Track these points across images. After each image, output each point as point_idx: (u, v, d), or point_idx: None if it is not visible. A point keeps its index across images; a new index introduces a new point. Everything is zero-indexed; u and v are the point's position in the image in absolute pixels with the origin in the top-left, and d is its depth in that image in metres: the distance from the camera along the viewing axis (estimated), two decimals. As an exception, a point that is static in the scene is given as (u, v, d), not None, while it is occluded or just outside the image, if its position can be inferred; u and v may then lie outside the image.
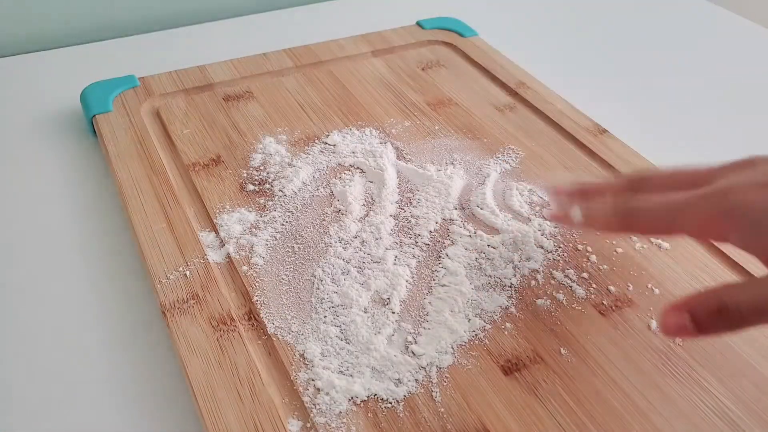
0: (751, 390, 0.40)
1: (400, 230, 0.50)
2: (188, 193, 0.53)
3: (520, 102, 0.64)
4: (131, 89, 0.63)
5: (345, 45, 0.70)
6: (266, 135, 0.58)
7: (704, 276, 0.47)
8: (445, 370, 0.41)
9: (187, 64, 0.67)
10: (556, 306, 0.45)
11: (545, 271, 0.47)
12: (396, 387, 0.40)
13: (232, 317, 0.44)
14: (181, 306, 0.44)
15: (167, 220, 0.50)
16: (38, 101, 0.65)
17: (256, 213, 0.51)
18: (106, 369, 0.43)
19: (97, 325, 0.45)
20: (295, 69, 0.67)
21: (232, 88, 0.64)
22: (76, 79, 0.65)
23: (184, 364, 0.41)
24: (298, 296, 0.45)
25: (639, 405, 0.39)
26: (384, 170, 0.55)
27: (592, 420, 0.39)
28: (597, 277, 0.47)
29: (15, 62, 0.72)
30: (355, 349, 0.42)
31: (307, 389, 0.40)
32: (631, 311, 0.45)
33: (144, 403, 0.41)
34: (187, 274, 0.46)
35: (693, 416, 0.39)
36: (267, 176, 0.54)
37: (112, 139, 0.58)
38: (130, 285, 0.48)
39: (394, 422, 0.38)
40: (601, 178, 0.55)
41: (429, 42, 0.72)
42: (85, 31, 0.76)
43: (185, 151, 0.57)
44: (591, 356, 0.42)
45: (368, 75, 0.67)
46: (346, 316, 0.44)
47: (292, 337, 0.42)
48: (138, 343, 0.44)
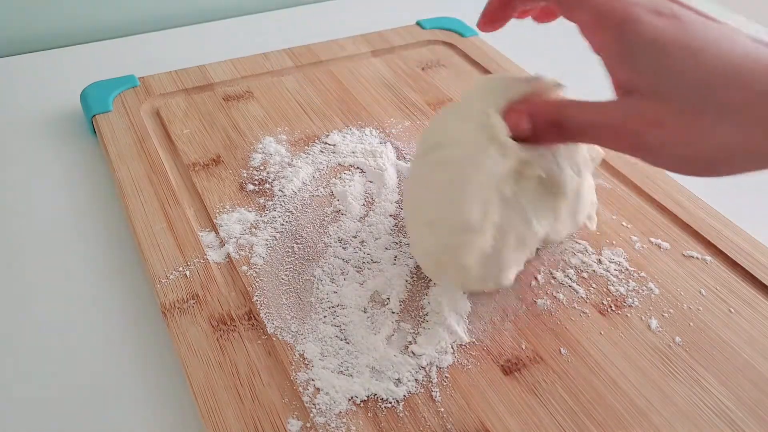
0: (751, 390, 0.40)
1: (399, 230, 0.50)
2: (188, 193, 0.53)
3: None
4: (131, 89, 0.63)
5: (345, 45, 0.70)
6: (266, 135, 0.58)
7: (704, 276, 0.47)
8: (445, 370, 0.41)
9: (187, 64, 0.67)
10: (556, 306, 0.45)
11: (545, 271, 0.47)
12: (396, 387, 0.40)
13: (232, 317, 0.44)
14: (181, 306, 0.44)
15: (167, 220, 0.50)
16: (38, 101, 0.65)
17: (255, 213, 0.51)
18: (106, 369, 0.43)
19: (98, 324, 0.45)
20: (295, 69, 0.67)
21: (232, 88, 0.64)
22: (76, 79, 0.65)
23: (184, 364, 0.41)
24: (297, 296, 0.45)
25: (639, 405, 0.39)
26: (384, 170, 0.55)
27: (592, 420, 0.39)
28: (597, 277, 0.47)
29: (15, 62, 0.72)
30: (354, 348, 0.42)
31: (306, 389, 0.39)
32: (631, 311, 0.45)
33: (144, 403, 0.41)
34: (187, 274, 0.46)
35: (693, 416, 0.39)
36: (267, 176, 0.54)
37: (112, 139, 0.58)
38: (130, 285, 0.48)
39: (394, 422, 0.38)
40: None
41: (429, 42, 0.72)
42: (85, 31, 0.76)
43: (185, 151, 0.57)
44: (591, 356, 0.42)
45: (368, 75, 0.67)
46: (346, 316, 0.43)
47: (292, 337, 0.42)
48: (138, 343, 0.44)
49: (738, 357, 0.42)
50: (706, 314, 0.45)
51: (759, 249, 0.49)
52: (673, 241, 0.50)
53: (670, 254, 0.49)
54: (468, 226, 0.40)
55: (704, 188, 0.54)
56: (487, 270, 0.42)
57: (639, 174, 0.55)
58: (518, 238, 0.42)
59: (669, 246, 0.49)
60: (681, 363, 0.42)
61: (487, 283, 0.43)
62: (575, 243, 0.49)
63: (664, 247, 0.49)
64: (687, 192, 0.54)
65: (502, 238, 0.41)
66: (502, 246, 0.41)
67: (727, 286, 0.46)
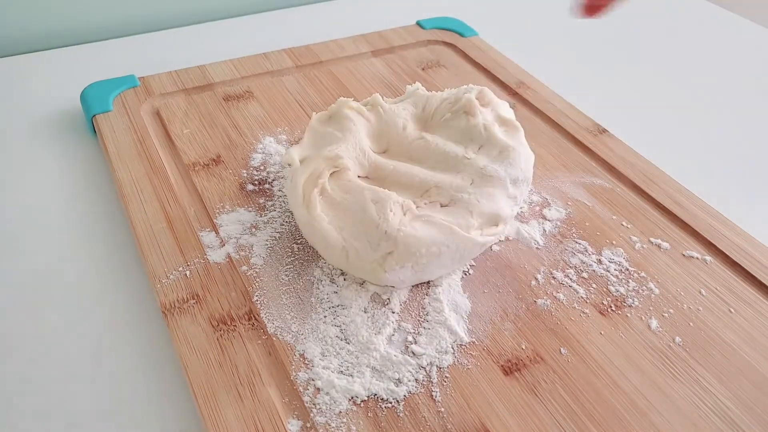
0: (751, 390, 0.40)
1: (400, 230, 0.50)
2: (188, 192, 0.53)
3: (520, 102, 0.64)
4: (131, 89, 0.63)
5: (345, 45, 0.70)
6: (266, 135, 0.58)
7: (704, 276, 0.47)
8: (445, 370, 0.41)
9: (187, 64, 0.67)
10: (556, 306, 0.45)
11: (545, 271, 0.47)
12: (396, 387, 0.40)
13: (232, 317, 0.44)
14: (181, 306, 0.44)
15: (167, 219, 0.50)
16: (38, 101, 0.65)
17: (255, 213, 0.51)
18: (106, 369, 0.43)
19: (97, 324, 0.45)
20: (295, 69, 0.67)
21: (232, 88, 0.64)
22: (76, 79, 0.65)
23: (184, 364, 0.41)
24: (297, 296, 0.45)
25: (639, 405, 0.39)
26: (384, 170, 0.55)
27: (592, 420, 0.39)
28: (597, 277, 0.47)
29: (15, 62, 0.72)
30: (355, 348, 0.42)
31: (307, 389, 0.39)
32: (631, 311, 0.45)
33: (144, 403, 0.41)
34: (187, 274, 0.46)
35: (693, 416, 0.39)
36: (267, 176, 0.54)
37: (112, 139, 0.58)
38: (130, 285, 0.48)
39: (394, 422, 0.38)
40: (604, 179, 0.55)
41: (429, 42, 0.72)
42: (85, 31, 0.76)
43: (185, 151, 0.57)
44: (591, 356, 0.42)
45: (368, 75, 0.67)
46: (347, 316, 0.43)
47: (292, 337, 0.42)
48: (138, 343, 0.44)
49: (738, 357, 0.42)
50: (706, 314, 0.45)
51: (759, 249, 0.49)
52: (673, 241, 0.50)
53: (670, 254, 0.49)
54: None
55: (704, 188, 0.54)
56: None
57: (639, 174, 0.55)
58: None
59: (669, 246, 0.49)
60: (681, 363, 0.42)
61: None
62: (575, 243, 0.49)
63: (664, 247, 0.49)
64: (687, 192, 0.54)
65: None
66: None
67: (727, 286, 0.46)
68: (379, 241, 0.43)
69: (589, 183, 0.55)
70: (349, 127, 0.50)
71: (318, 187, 0.45)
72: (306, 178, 0.46)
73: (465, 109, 0.51)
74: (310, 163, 0.47)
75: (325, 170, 0.46)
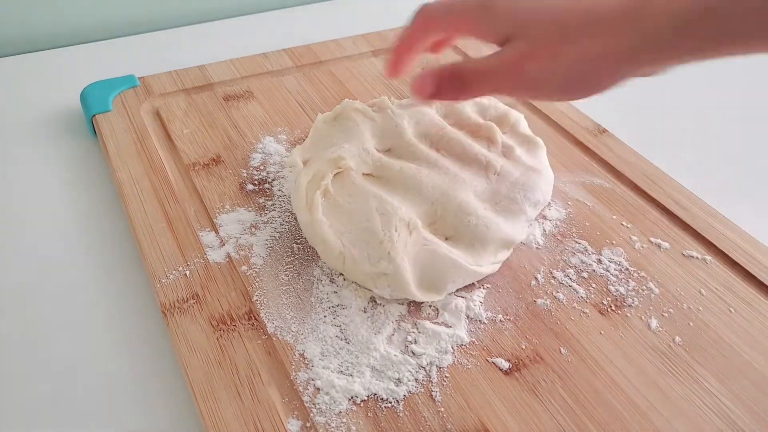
0: (751, 390, 0.40)
1: (400, 230, 0.50)
2: (188, 192, 0.53)
3: (520, 101, 0.64)
4: (131, 89, 0.63)
5: (345, 45, 0.70)
6: (266, 135, 0.58)
7: (704, 275, 0.47)
8: (445, 369, 0.41)
9: (187, 64, 0.67)
10: (556, 306, 0.45)
11: (545, 271, 0.47)
12: (396, 386, 0.40)
13: (232, 317, 0.44)
14: (181, 306, 0.44)
15: (167, 219, 0.50)
16: (38, 101, 0.65)
17: (255, 213, 0.51)
18: (106, 369, 0.43)
19: (97, 324, 0.45)
20: (295, 69, 0.67)
21: (232, 87, 0.64)
22: (76, 79, 0.65)
23: (184, 364, 0.41)
24: (297, 296, 0.45)
25: (639, 405, 0.39)
26: (384, 170, 0.55)
27: (592, 420, 0.39)
28: (597, 277, 0.47)
29: (15, 62, 0.72)
30: (354, 348, 0.42)
31: (306, 389, 0.39)
32: (631, 311, 0.45)
33: (144, 403, 0.41)
34: (187, 274, 0.46)
35: (693, 416, 0.39)
36: (267, 176, 0.54)
37: (112, 139, 0.57)
38: (130, 285, 0.48)
39: (394, 422, 0.38)
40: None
41: (429, 42, 0.72)
42: (85, 31, 0.76)
43: (185, 151, 0.57)
44: (591, 356, 0.42)
45: (368, 75, 0.67)
46: (346, 315, 0.43)
47: (292, 336, 0.42)
48: (138, 343, 0.44)
49: (738, 357, 0.42)
50: (706, 314, 0.45)
51: (759, 249, 0.49)
52: (673, 241, 0.50)
53: (670, 254, 0.49)
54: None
55: (704, 188, 0.54)
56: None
57: (639, 174, 0.55)
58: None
59: (669, 246, 0.49)
60: (681, 363, 0.42)
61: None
62: (575, 243, 0.49)
63: (664, 247, 0.49)
64: (687, 192, 0.54)
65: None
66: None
67: (727, 286, 0.46)
68: (380, 260, 0.43)
69: (589, 183, 0.55)
70: (354, 128, 0.50)
71: (321, 189, 0.45)
72: (309, 180, 0.46)
73: (487, 135, 0.52)
74: (313, 164, 0.47)
75: (328, 172, 0.46)
